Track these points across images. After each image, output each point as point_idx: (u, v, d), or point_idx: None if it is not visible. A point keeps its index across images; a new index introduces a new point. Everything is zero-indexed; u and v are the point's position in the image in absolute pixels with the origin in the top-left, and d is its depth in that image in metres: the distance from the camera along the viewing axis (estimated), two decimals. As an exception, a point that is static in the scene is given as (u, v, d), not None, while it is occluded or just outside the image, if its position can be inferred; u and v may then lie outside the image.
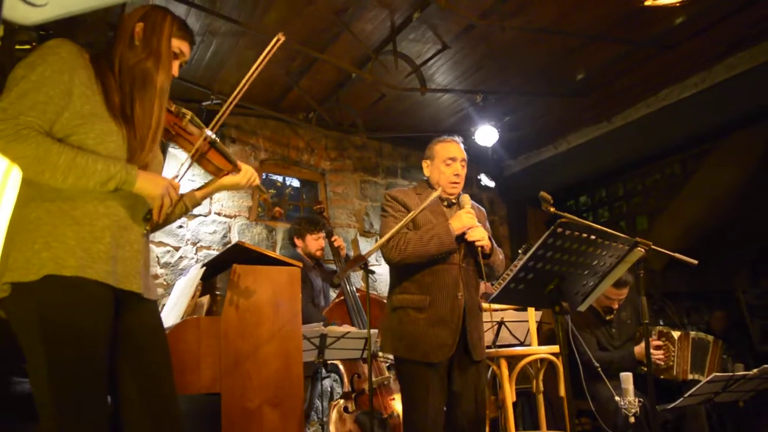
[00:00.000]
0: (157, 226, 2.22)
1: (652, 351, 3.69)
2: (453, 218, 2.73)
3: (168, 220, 2.21)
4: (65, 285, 1.65)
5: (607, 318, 4.03)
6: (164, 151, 2.88)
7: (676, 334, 3.75)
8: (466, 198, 2.86)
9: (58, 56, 1.71)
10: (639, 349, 3.74)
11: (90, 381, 1.68)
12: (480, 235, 2.71)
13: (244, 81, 2.03)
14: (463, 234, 2.71)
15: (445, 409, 2.72)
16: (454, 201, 2.93)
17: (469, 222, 2.70)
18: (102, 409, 1.73)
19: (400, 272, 2.81)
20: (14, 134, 1.59)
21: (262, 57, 2.01)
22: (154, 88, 1.84)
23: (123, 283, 1.79)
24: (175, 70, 1.96)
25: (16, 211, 1.69)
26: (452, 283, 2.72)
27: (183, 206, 2.23)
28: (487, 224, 3.00)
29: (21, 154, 1.59)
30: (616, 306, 3.99)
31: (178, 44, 1.94)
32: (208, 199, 5.06)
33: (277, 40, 1.97)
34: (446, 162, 2.88)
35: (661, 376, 3.73)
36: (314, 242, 4.45)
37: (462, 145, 2.96)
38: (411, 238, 2.70)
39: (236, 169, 2.18)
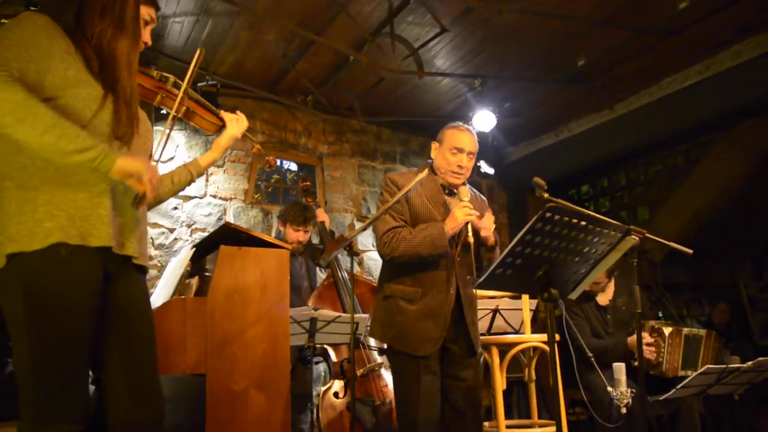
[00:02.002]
0: (156, 201, 2.20)
1: (643, 347, 3.64)
2: (448, 218, 2.63)
3: (174, 191, 2.23)
4: (60, 256, 1.64)
5: (601, 302, 3.98)
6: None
7: (667, 330, 3.69)
8: (464, 190, 2.73)
9: (34, 23, 1.72)
10: (631, 340, 3.70)
11: (72, 354, 1.67)
12: (488, 224, 2.66)
13: (181, 91, 2.18)
14: (459, 233, 2.64)
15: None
16: (455, 190, 2.82)
17: (464, 218, 2.58)
18: (82, 385, 1.72)
19: (392, 261, 2.74)
20: (1, 79, 1.57)
21: (190, 71, 2.17)
22: (122, 57, 1.82)
23: (120, 248, 1.78)
24: (147, 36, 1.97)
25: (7, 181, 1.67)
26: (446, 277, 2.66)
27: (188, 174, 2.25)
28: (489, 214, 2.88)
29: (5, 98, 1.56)
30: (601, 279, 3.93)
31: (147, 11, 1.95)
32: (204, 181, 5.05)
33: (200, 54, 2.15)
34: (452, 151, 2.75)
35: (651, 372, 3.68)
36: (292, 233, 4.25)
37: (475, 137, 2.84)
38: (404, 236, 2.62)
39: (222, 122, 2.32)
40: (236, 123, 2.32)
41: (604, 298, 4.03)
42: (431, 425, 2.59)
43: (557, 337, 2.78)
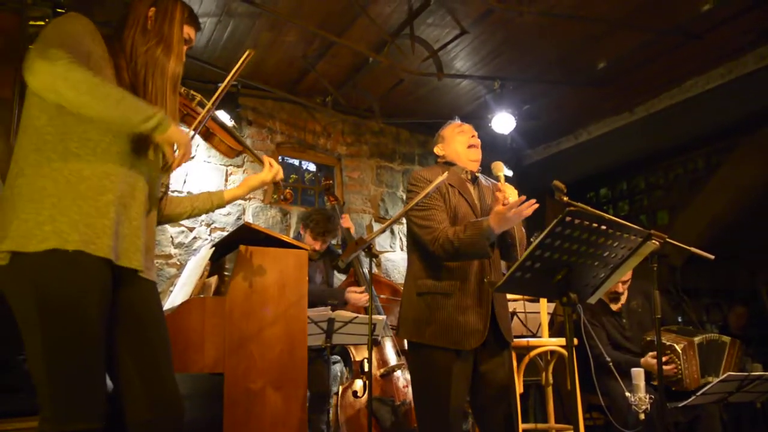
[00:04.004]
0: (168, 219, 2.22)
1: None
2: (494, 215, 2.40)
3: (191, 215, 2.27)
4: (65, 259, 1.64)
5: (614, 308, 3.95)
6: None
7: (679, 346, 3.62)
8: (498, 165, 2.61)
9: (81, 23, 1.78)
10: (645, 361, 3.66)
11: (87, 355, 1.68)
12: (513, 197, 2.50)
13: (222, 87, 2.12)
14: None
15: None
16: (477, 174, 2.79)
17: (515, 218, 2.38)
18: (99, 384, 1.73)
19: (424, 256, 2.66)
20: (72, 62, 1.62)
21: (234, 70, 2.12)
22: (166, 75, 1.88)
23: (122, 260, 1.78)
24: (183, 55, 2.01)
25: (20, 178, 1.70)
26: (479, 267, 2.60)
27: (210, 203, 2.29)
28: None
29: (81, 79, 1.61)
30: (621, 290, 3.91)
31: (188, 31, 1.99)
32: (223, 181, 5.09)
33: (248, 55, 2.11)
34: (458, 132, 2.82)
35: (673, 388, 3.63)
36: (310, 241, 4.27)
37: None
38: (448, 236, 2.49)
39: (245, 150, 2.34)
40: (273, 171, 2.35)
41: (616, 304, 4.00)
42: (459, 416, 2.54)
43: (575, 341, 2.76)
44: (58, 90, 1.62)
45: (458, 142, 2.80)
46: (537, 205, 2.37)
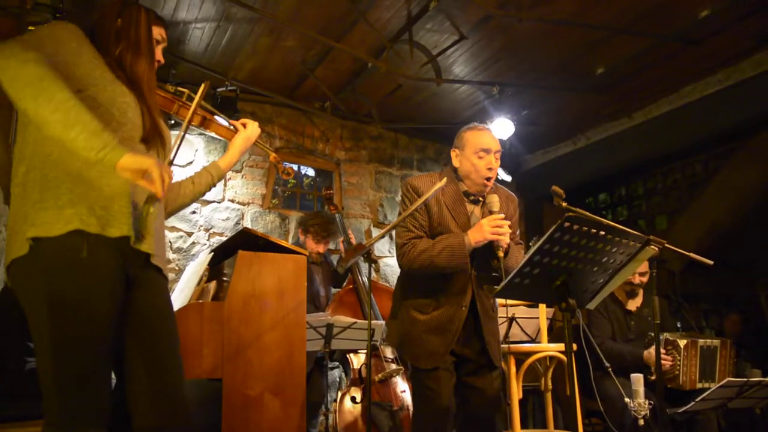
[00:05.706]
0: (176, 206, 2.22)
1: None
2: (474, 228, 2.49)
3: (195, 192, 2.26)
4: (77, 259, 1.66)
5: (628, 307, 3.95)
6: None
7: (682, 342, 3.63)
8: (494, 199, 2.56)
9: (65, 28, 1.81)
10: (647, 354, 3.66)
11: (93, 358, 1.68)
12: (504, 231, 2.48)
13: (193, 106, 2.20)
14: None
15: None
16: (480, 198, 2.67)
17: (491, 233, 2.43)
18: (104, 388, 1.72)
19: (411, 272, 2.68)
20: (28, 55, 1.60)
21: (195, 101, 2.20)
22: (142, 75, 1.92)
23: (138, 242, 1.79)
24: (159, 55, 2.05)
25: (31, 172, 1.71)
26: (460, 290, 2.57)
27: (208, 176, 2.28)
28: (516, 216, 2.78)
29: (28, 72, 1.57)
30: (637, 281, 3.91)
31: (157, 31, 2.03)
32: (222, 186, 5.09)
33: (205, 86, 2.22)
34: (479, 153, 2.58)
35: (669, 385, 3.63)
36: (312, 245, 4.29)
37: (495, 135, 2.69)
38: (422, 248, 2.52)
39: (236, 130, 2.34)
40: (251, 128, 2.34)
41: (632, 304, 4.00)
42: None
43: (574, 346, 2.75)
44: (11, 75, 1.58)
45: (474, 167, 2.61)
46: (508, 231, 2.47)
